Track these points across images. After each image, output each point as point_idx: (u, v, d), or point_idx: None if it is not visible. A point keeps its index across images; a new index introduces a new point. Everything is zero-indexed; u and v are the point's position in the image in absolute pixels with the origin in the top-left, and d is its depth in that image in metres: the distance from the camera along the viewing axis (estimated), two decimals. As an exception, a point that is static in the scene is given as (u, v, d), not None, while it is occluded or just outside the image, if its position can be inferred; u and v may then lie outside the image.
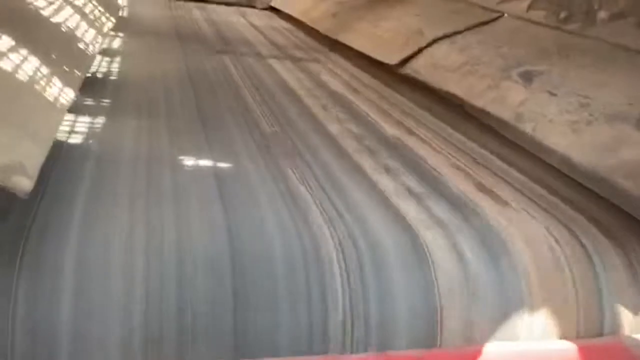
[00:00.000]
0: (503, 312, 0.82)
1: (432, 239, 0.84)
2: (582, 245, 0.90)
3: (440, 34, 1.75)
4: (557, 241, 0.89)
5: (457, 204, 0.95)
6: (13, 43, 1.11)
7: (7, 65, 1.03)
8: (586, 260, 0.89)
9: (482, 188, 1.03)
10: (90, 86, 1.40)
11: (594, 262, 0.89)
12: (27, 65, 1.09)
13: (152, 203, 0.83)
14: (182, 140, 1.11)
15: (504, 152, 1.23)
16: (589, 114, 1.12)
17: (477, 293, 0.81)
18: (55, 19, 1.52)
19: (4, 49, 1.06)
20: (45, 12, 1.49)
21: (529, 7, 1.67)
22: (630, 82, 1.19)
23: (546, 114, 1.19)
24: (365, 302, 0.76)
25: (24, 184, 0.69)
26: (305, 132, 1.25)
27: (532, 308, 0.84)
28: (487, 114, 1.35)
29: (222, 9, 3.38)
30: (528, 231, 0.90)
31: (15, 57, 1.07)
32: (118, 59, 1.79)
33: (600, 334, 0.88)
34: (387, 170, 1.07)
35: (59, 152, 0.97)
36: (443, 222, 0.89)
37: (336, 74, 1.88)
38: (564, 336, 0.86)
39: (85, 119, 1.18)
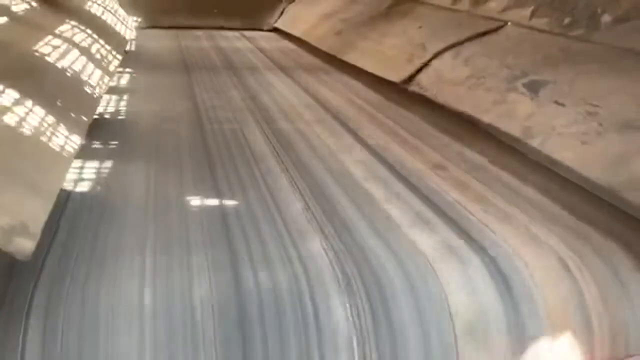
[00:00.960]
0: (522, 344, 0.80)
1: (446, 270, 0.82)
2: (602, 264, 0.87)
3: (442, 46, 1.73)
4: (575, 263, 0.86)
5: (467, 227, 0.93)
6: (18, 96, 1.13)
7: (12, 119, 1.04)
8: (606, 279, 0.86)
9: (491, 207, 1.01)
10: (98, 128, 1.41)
11: (615, 281, 0.86)
12: (32, 116, 1.10)
13: (160, 257, 0.82)
14: (190, 185, 1.10)
15: (508, 162, 1.21)
16: (598, 124, 1.09)
17: (492, 326, 0.79)
18: (61, 64, 1.55)
19: (8, 103, 1.08)
20: (50, 58, 1.52)
21: (532, 15, 1.65)
22: (639, 86, 1.16)
23: (554, 126, 1.16)
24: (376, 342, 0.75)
25: (26, 246, 0.70)
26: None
27: (554, 334, 0.82)
28: (496, 128, 1.33)
29: (228, 33, 3.41)
30: (543, 255, 0.87)
31: (20, 110, 1.09)
32: (126, 96, 1.80)
33: (628, 355, 0.85)
34: (399, 197, 1.06)
35: (65, 203, 0.98)
36: (454, 248, 0.87)
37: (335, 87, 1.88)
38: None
39: (93, 164, 1.19)
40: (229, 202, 1.03)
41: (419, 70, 1.75)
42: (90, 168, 1.17)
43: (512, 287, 0.82)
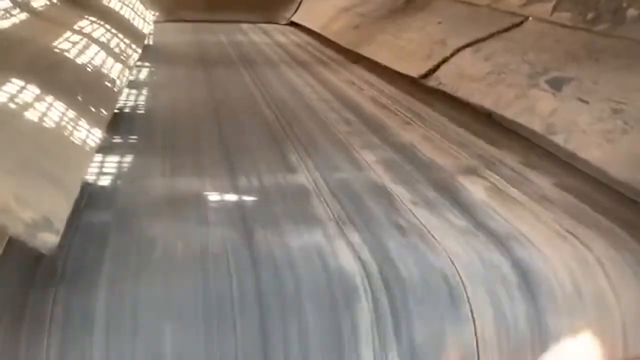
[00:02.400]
0: (543, 343, 0.79)
1: (466, 271, 0.82)
2: (627, 263, 0.86)
3: (463, 43, 1.71)
4: (598, 261, 0.85)
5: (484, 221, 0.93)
6: (38, 91, 1.14)
7: (34, 114, 1.05)
8: (631, 278, 0.85)
9: (512, 205, 1.00)
10: (118, 122, 1.42)
11: (637, 278, 0.85)
12: (53, 111, 1.11)
13: (180, 255, 0.82)
14: (208, 180, 1.10)
15: (532, 160, 1.19)
16: (623, 122, 1.08)
17: (515, 325, 0.78)
18: (80, 59, 1.56)
19: (30, 99, 1.09)
20: (70, 54, 1.53)
21: (554, 9, 1.62)
22: (665, 83, 1.14)
23: (578, 123, 1.14)
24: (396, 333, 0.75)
25: (50, 240, 0.70)
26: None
27: (575, 334, 0.81)
28: (517, 124, 1.31)
29: (246, 27, 3.41)
30: (566, 252, 0.86)
31: (41, 105, 1.10)
32: (145, 91, 1.81)
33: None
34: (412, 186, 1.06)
35: (87, 197, 0.98)
36: (475, 247, 0.86)
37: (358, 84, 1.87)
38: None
39: (114, 158, 1.19)
40: (248, 198, 1.03)
41: (438, 66, 1.73)
42: (111, 162, 1.17)
43: (531, 282, 0.81)
